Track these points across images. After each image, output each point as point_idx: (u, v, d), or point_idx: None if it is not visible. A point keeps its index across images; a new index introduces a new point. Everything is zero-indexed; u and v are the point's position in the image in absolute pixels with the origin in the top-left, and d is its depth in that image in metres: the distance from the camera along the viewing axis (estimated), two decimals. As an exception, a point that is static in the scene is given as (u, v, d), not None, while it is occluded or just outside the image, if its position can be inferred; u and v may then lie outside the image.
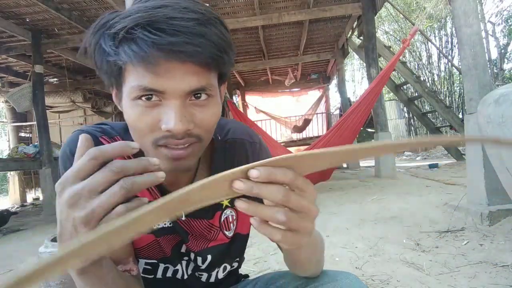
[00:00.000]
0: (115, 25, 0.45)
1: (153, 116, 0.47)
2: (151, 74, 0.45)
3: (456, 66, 9.02)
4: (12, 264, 2.47)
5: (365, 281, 1.65)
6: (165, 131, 0.47)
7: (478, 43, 2.55)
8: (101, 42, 0.47)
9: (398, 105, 13.50)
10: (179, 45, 0.43)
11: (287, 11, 5.42)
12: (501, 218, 2.23)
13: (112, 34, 0.45)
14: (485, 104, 1.60)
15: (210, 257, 0.68)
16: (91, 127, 0.60)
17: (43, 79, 5.77)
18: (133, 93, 0.47)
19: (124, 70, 0.47)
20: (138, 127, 0.48)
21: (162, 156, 0.49)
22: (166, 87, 0.45)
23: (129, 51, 0.43)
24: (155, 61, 0.43)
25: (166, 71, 0.45)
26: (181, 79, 0.46)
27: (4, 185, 12.00)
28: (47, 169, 5.18)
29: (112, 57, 0.46)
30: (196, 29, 0.44)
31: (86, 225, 0.35)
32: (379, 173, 5.21)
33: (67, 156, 0.55)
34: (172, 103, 0.46)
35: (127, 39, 0.44)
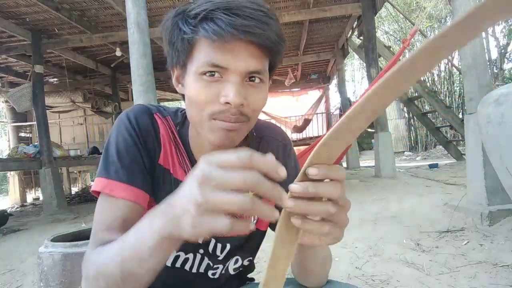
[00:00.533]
0: (195, 9, 0.53)
1: (213, 90, 0.54)
2: (220, 51, 0.52)
3: (456, 66, 9.02)
4: (12, 264, 2.47)
5: (365, 281, 1.65)
6: (223, 104, 0.53)
7: (478, 43, 2.55)
8: (179, 23, 0.55)
9: (398, 105, 13.49)
10: (250, 27, 0.50)
11: (287, 11, 5.42)
12: (501, 218, 2.23)
13: (192, 15, 0.53)
14: (485, 104, 1.60)
15: (229, 246, 0.70)
16: (149, 104, 0.67)
17: (43, 79, 5.78)
18: (200, 68, 0.54)
19: (195, 48, 0.55)
20: (199, 99, 0.55)
21: (215, 128, 0.56)
22: (230, 64, 0.53)
23: (208, 27, 0.51)
24: (228, 38, 0.50)
25: (233, 49, 0.52)
26: (244, 59, 0.53)
27: (4, 185, 11.99)
28: (47, 169, 5.18)
29: (188, 35, 0.54)
30: (264, 19, 0.52)
31: (196, 207, 0.37)
32: (379, 173, 5.21)
33: (123, 121, 0.62)
34: (233, 79, 0.53)
35: (207, 19, 0.52)
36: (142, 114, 0.64)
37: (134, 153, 0.60)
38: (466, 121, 2.63)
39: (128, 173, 0.59)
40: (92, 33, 5.47)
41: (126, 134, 0.61)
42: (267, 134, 0.73)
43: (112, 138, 0.61)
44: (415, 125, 12.80)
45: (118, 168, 0.58)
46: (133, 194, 0.58)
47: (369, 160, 9.62)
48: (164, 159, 0.65)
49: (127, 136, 0.61)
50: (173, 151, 0.66)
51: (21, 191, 7.63)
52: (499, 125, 1.48)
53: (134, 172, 0.60)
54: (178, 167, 0.66)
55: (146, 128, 0.63)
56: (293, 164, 0.73)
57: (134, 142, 0.61)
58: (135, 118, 0.63)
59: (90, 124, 8.98)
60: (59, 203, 5.15)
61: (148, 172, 0.62)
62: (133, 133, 0.61)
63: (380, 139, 5.26)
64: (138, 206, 0.59)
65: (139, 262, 0.46)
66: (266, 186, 0.37)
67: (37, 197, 7.80)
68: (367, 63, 5.42)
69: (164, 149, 0.65)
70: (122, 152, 0.60)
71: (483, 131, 1.64)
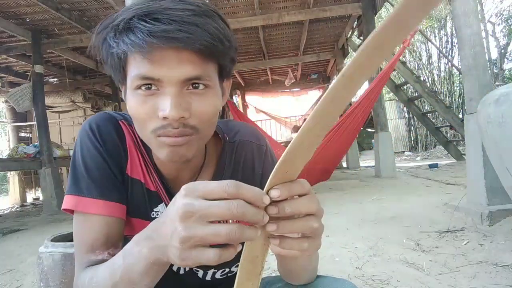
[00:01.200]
0: (116, 19, 0.49)
1: (151, 105, 0.49)
2: (147, 63, 0.47)
3: (456, 66, 9.01)
4: (12, 264, 2.47)
5: (365, 281, 1.65)
6: (162, 119, 0.49)
7: (478, 43, 2.55)
8: (107, 37, 0.50)
9: (398, 105, 13.49)
10: (171, 32, 0.45)
11: (287, 11, 5.42)
12: (501, 218, 2.23)
13: (114, 27, 0.48)
14: (485, 104, 1.60)
15: None
16: (114, 112, 0.63)
17: (43, 79, 5.77)
18: (133, 83, 0.49)
19: (126, 62, 0.50)
20: (138, 116, 0.51)
21: (160, 144, 0.51)
22: (162, 75, 0.47)
23: (127, 40, 0.46)
24: (150, 48, 0.45)
25: (161, 58, 0.47)
26: (176, 67, 0.47)
27: (4, 185, 11.99)
28: (47, 169, 5.18)
29: (115, 49, 0.49)
30: (190, 19, 0.46)
31: (180, 243, 0.36)
32: (379, 173, 5.21)
33: (86, 132, 0.58)
34: (168, 90, 0.48)
35: (125, 30, 0.47)
36: (105, 123, 0.60)
37: (102, 166, 0.57)
38: (466, 121, 2.63)
39: (99, 187, 0.56)
40: (92, 33, 5.47)
41: (91, 146, 0.57)
42: (240, 137, 0.69)
43: (77, 152, 0.58)
44: (415, 125, 12.80)
45: (89, 184, 0.56)
46: (109, 209, 0.56)
47: (369, 160, 9.61)
48: (132, 168, 0.61)
49: (92, 148, 0.57)
50: (141, 161, 0.62)
51: (21, 191, 7.62)
52: (499, 125, 1.48)
53: (106, 186, 0.57)
54: (147, 177, 0.62)
55: (110, 137, 0.59)
56: (271, 163, 0.70)
57: (100, 154, 0.57)
58: (97, 128, 0.59)
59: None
60: (59, 203, 5.14)
61: (119, 182, 0.60)
62: (97, 144, 0.57)
63: (380, 139, 5.26)
64: (116, 220, 0.57)
65: (131, 285, 0.45)
66: (251, 213, 0.36)
67: (37, 197, 7.80)
68: (367, 63, 5.41)
69: (131, 158, 0.61)
70: (90, 166, 0.56)
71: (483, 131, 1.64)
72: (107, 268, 0.48)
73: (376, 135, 5.40)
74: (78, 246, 0.56)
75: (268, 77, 9.53)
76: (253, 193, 0.36)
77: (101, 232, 0.55)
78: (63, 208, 0.58)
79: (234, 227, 0.36)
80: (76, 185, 0.56)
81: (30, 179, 8.01)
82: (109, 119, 0.61)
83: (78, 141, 0.59)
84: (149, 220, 0.64)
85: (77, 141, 0.59)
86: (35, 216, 5.05)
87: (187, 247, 0.36)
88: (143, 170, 0.62)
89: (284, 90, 10.45)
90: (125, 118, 0.62)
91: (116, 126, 0.61)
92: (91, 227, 0.55)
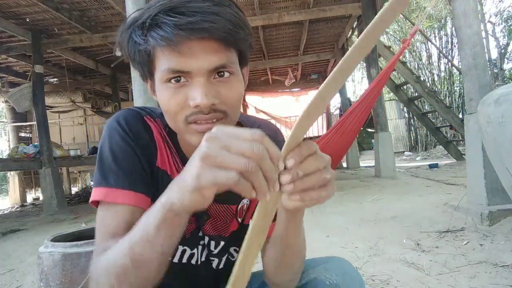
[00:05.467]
0: (142, 17, 0.52)
1: (182, 95, 0.53)
2: (176, 56, 0.50)
3: (456, 66, 9.02)
4: (12, 264, 2.47)
5: (365, 281, 1.65)
6: (193, 107, 0.52)
7: (478, 43, 2.55)
8: (133, 35, 0.53)
9: (398, 105, 13.49)
10: (197, 23, 0.48)
11: (287, 11, 5.42)
12: (501, 218, 2.23)
13: (140, 25, 0.51)
14: (485, 104, 1.60)
15: (223, 243, 0.71)
16: (139, 108, 0.66)
17: (43, 79, 5.77)
18: (164, 77, 0.52)
19: (154, 57, 0.53)
20: (170, 107, 0.54)
21: (192, 131, 0.55)
22: (191, 66, 0.51)
23: (155, 35, 0.49)
24: (178, 40, 0.48)
25: (188, 50, 0.50)
26: (203, 57, 0.51)
27: (4, 185, 11.99)
28: (47, 169, 5.18)
29: (142, 45, 0.52)
30: (211, 9, 0.49)
31: (202, 159, 0.38)
32: (379, 173, 5.21)
33: (115, 127, 0.60)
34: (197, 80, 0.52)
35: (152, 26, 0.50)
36: (133, 118, 0.62)
37: (131, 158, 0.59)
38: (466, 121, 2.63)
39: (128, 179, 0.57)
40: (92, 33, 5.47)
41: (120, 140, 0.59)
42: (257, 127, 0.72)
43: (105, 146, 0.59)
44: (415, 125, 12.80)
45: (118, 175, 0.57)
46: (134, 199, 0.57)
47: (369, 160, 9.61)
48: (161, 161, 0.64)
49: (121, 142, 0.59)
50: (168, 152, 0.65)
51: (21, 191, 7.62)
52: (499, 125, 1.48)
53: (135, 178, 0.58)
54: (174, 168, 0.65)
55: (139, 131, 0.61)
56: None
57: (130, 147, 0.59)
58: (126, 123, 0.61)
59: (90, 124, 8.97)
60: (59, 203, 5.15)
61: (147, 175, 0.61)
62: (127, 138, 0.59)
63: (380, 139, 5.26)
64: (141, 211, 0.57)
65: (148, 244, 0.45)
66: (268, 163, 0.38)
67: (37, 197, 7.79)
68: (367, 63, 5.42)
69: (160, 151, 0.64)
70: (119, 158, 0.58)
71: (483, 131, 1.64)
72: (125, 237, 0.49)
73: (376, 135, 5.39)
74: (99, 234, 0.57)
75: (268, 77, 9.53)
76: (275, 150, 0.39)
77: (124, 220, 0.56)
78: (91, 201, 0.59)
79: (253, 162, 0.37)
80: (104, 177, 0.58)
81: (30, 179, 8.00)
82: (135, 114, 0.63)
83: (106, 135, 0.60)
84: None
85: (105, 136, 0.60)
86: (35, 216, 5.05)
87: (206, 164, 0.38)
88: (170, 162, 0.64)
89: (284, 90, 10.45)
90: (149, 113, 0.65)
91: (142, 121, 0.63)
92: (115, 215, 0.56)
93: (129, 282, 0.48)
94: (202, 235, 0.70)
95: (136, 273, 0.47)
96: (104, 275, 0.50)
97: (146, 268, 0.47)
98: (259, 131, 0.39)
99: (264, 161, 0.38)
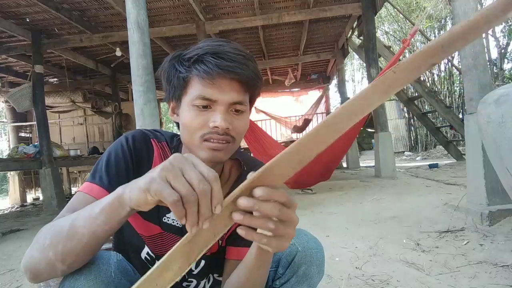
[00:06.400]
0: (189, 53, 0.67)
1: (204, 118, 0.67)
2: (209, 87, 0.65)
3: (456, 66, 9.02)
4: (12, 264, 2.47)
5: (365, 281, 1.65)
6: (212, 128, 0.66)
7: (478, 43, 2.55)
8: (176, 65, 0.69)
9: (398, 105, 13.49)
10: (232, 68, 0.64)
11: (287, 11, 5.42)
12: (501, 218, 2.23)
13: (187, 58, 0.67)
14: (485, 104, 1.60)
15: (204, 263, 0.79)
16: (147, 130, 0.79)
17: (43, 79, 5.77)
18: (194, 100, 0.67)
19: (189, 84, 0.68)
20: (192, 125, 0.67)
21: (203, 147, 0.67)
22: (218, 97, 0.66)
23: (200, 68, 0.65)
24: (215, 76, 0.64)
25: (219, 85, 0.65)
26: (228, 93, 0.66)
27: (4, 185, 11.99)
28: (47, 169, 5.18)
29: (183, 74, 0.67)
30: (243, 61, 0.66)
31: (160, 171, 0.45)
32: (379, 173, 5.21)
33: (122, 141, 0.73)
34: (220, 108, 0.67)
35: (198, 61, 0.66)
36: (139, 138, 0.76)
37: (121, 167, 0.70)
38: (466, 121, 2.63)
39: (110, 181, 0.67)
40: (92, 33, 5.47)
41: (120, 151, 0.72)
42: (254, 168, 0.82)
43: (106, 152, 0.72)
44: (415, 125, 12.80)
45: (102, 176, 0.68)
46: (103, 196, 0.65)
47: (369, 160, 9.61)
48: None
49: (120, 153, 0.71)
50: None
51: (21, 191, 7.62)
52: (499, 125, 1.48)
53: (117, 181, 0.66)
54: None
55: (140, 149, 0.74)
56: None
57: (125, 159, 0.71)
58: (132, 140, 0.74)
59: (90, 124, 8.97)
60: (59, 203, 5.16)
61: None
62: (126, 151, 0.72)
63: (380, 139, 5.26)
64: None
65: (88, 220, 0.53)
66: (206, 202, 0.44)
67: (37, 197, 7.79)
68: (367, 63, 5.42)
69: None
70: (111, 164, 0.70)
71: (483, 131, 1.64)
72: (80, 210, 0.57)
73: (376, 135, 5.39)
74: (64, 209, 0.65)
75: (268, 77, 9.53)
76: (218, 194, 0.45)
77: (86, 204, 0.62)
78: (77, 190, 0.70)
79: (194, 195, 0.43)
80: (93, 176, 0.69)
81: (30, 179, 8.00)
82: (143, 135, 0.77)
83: (112, 146, 0.73)
84: (160, 225, 0.76)
85: (111, 146, 0.73)
86: (35, 216, 5.05)
87: (162, 175, 0.44)
88: None
89: (284, 90, 10.44)
90: (156, 136, 0.79)
91: (147, 142, 0.76)
92: (83, 198, 0.65)
93: (56, 245, 0.54)
94: None
95: (65, 241, 0.53)
96: (44, 232, 0.57)
97: (76, 240, 0.53)
98: (214, 172, 0.45)
99: (203, 199, 0.43)
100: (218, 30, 5.50)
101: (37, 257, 0.55)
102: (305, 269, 0.76)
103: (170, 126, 21.23)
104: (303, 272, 0.76)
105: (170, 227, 0.77)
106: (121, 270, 0.63)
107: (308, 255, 0.77)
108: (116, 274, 0.61)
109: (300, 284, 0.77)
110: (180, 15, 5.26)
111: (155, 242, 0.77)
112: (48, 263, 0.54)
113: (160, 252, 0.77)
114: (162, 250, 0.77)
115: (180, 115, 0.70)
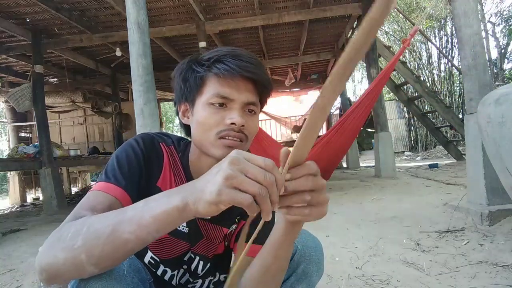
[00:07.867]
0: (207, 55, 0.71)
1: (220, 115, 0.69)
2: (226, 86, 0.69)
3: (456, 66, 9.01)
4: (12, 264, 2.47)
5: (365, 281, 1.65)
6: (229, 124, 0.68)
7: (478, 43, 2.55)
8: (193, 65, 0.72)
9: (398, 105, 13.49)
10: (249, 68, 0.68)
11: (287, 11, 5.41)
12: (501, 218, 2.23)
13: (206, 59, 0.71)
14: (485, 104, 1.60)
15: (209, 264, 0.80)
16: (155, 133, 0.80)
17: (43, 79, 5.77)
18: (211, 99, 0.69)
19: (205, 83, 0.71)
20: (208, 122, 0.69)
21: (220, 144, 0.69)
22: (234, 96, 0.69)
23: (220, 67, 0.68)
24: (234, 75, 0.68)
25: (236, 85, 0.69)
26: (244, 92, 0.70)
27: (4, 185, 11.99)
28: (47, 169, 5.18)
29: (201, 73, 0.70)
30: (257, 64, 0.71)
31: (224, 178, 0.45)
32: (379, 173, 5.21)
33: (132, 142, 0.73)
34: (236, 107, 0.70)
35: (218, 61, 0.69)
36: (150, 141, 0.76)
37: (133, 167, 0.70)
38: (466, 121, 2.63)
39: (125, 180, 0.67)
40: (92, 33, 5.47)
41: (131, 151, 0.72)
42: None
43: (115, 154, 0.72)
44: (415, 125, 12.80)
45: (117, 176, 0.67)
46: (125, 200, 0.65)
47: (369, 160, 9.61)
48: (163, 182, 0.75)
49: (132, 153, 0.72)
50: (172, 177, 0.77)
51: (21, 191, 7.62)
52: (499, 125, 1.48)
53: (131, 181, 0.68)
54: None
55: (151, 151, 0.75)
56: None
57: (137, 159, 0.71)
58: (143, 142, 0.74)
59: (90, 124, 8.97)
60: (59, 203, 5.15)
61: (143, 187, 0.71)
62: (138, 152, 0.72)
63: (380, 139, 5.25)
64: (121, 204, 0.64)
65: (136, 226, 0.49)
66: (275, 190, 0.46)
67: (37, 197, 7.79)
68: (367, 63, 5.42)
69: (164, 173, 0.76)
70: (123, 164, 0.69)
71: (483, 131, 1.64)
72: (115, 211, 0.54)
73: (376, 135, 5.39)
74: (80, 205, 0.61)
75: (268, 77, 9.52)
76: (281, 177, 0.47)
77: (107, 203, 0.62)
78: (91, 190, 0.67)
79: (265, 189, 0.45)
80: (106, 176, 0.68)
81: (30, 179, 8.00)
82: (152, 138, 0.77)
83: (121, 147, 0.73)
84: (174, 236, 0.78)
85: (121, 148, 0.73)
86: (35, 216, 5.05)
87: (228, 184, 0.44)
88: (172, 184, 0.76)
89: (284, 90, 10.44)
90: (164, 140, 0.79)
91: (156, 146, 0.77)
92: (102, 196, 0.63)
93: (91, 249, 0.50)
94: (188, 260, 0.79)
95: (104, 245, 0.50)
96: (71, 231, 0.53)
97: (117, 245, 0.50)
98: (269, 160, 0.46)
99: (272, 188, 0.45)
100: (218, 30, 5.50)
101: (63, 257, 0.51)
102: (304, 267, 0.77)
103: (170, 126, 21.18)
104: (302, 270, 0.77)
105: (177, 232, 0.77)
106: (133, 269, 0.63)
107: (307, 253, 0.77)
108: (129, 272, 0.61)
109: (299, 282, 0.77)
110: (180, 15, 5.26)
111: (160, 247, 0.77)
112: (76, 265, 0.51)
113: (164, 257, 0.77)
114: (167, 254, 0.77)
115: (194, 115, 0.72)
